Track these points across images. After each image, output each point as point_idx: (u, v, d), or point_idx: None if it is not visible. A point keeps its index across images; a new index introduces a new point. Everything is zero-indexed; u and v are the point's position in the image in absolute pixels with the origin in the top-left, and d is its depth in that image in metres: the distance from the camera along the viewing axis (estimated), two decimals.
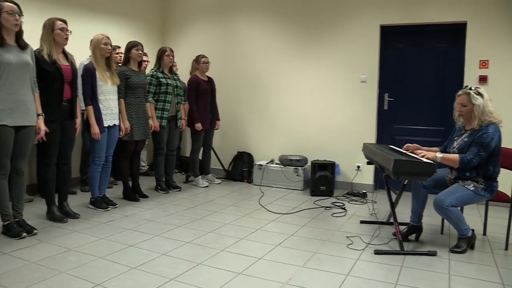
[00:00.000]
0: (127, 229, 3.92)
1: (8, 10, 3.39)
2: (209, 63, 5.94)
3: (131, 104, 4.83)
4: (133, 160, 5.05)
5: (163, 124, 5.31)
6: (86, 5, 5.92)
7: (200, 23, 7.06)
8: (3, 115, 3.38)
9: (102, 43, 4.33)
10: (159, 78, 5.29)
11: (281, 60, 6.36)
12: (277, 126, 6.45)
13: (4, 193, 3.58)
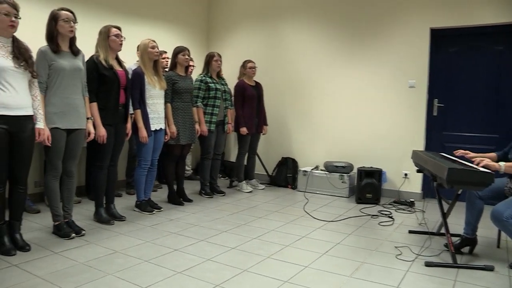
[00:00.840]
0: (172, 233, 3.94)
1: (64, 18, 3.51)
2: (255, 68, 5.94)
3: (178, 109, 4.86)
4: (179, 164, 5.08)
5: (212, 128, 5.33)
6: (134, 12, 6.06)
7: (245, 28, 7.08)
8: (56, 118, 3.48)
9: (149, 47, 4.38)
10: (208, 83, 5.31)
11: (327, 64, 6.27)
12: (322, 131, 6.36)
13: (55, 194, 3.68)
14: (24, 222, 3.54)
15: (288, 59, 6.63)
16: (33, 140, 3.31)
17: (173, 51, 4.95)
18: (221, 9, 7.39)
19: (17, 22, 3.19)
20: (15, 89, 3.14)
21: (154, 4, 6.45)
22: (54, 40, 3.53)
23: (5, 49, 3.16)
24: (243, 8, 7.11)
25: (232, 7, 7.24)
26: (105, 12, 5.62)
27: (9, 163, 3.24)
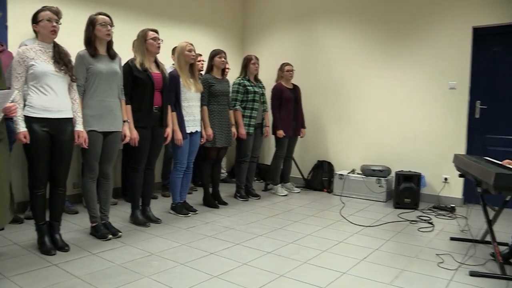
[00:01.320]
0: (207, 236, 3.92)
1: (101, 22, 3.56)
2: (293, 71, 5.90)
3: (214, 112, 4.86)
4: (215, 167, 5.07)
5: (250, 131, 5.32)
6: (170, 15, 6.12)
7: (280, 30, 7.04)
8: (93, 121, 3.53)
9: (186, 50, 4.39)
10: (246, 86, 5.30)
11: (364, 66, 6.16)
12: (359, 134, 6.24)
13: (92, 196, 3.72)
14: (63, 223, 3.59)
15: (324, 61, 6.55)
16: (72, 142, 3.37)
17: (210, 54, 4.95)
18: (256, 12, 7.37)
19: (58, 28, 3.26)
20: (56, 93, 3.22)
21: (190, 8, 6.49)
22: (92, 44, 3.59)
23: (47, 54, 3.24)
24: (277, 10, 7.07)
25: (267, 9, 7.21)
26: (142, 15, 5.69)
27: (50, 164, 3.30)
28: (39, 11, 3.28)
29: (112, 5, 5.22)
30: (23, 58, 3.14)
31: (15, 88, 3.10)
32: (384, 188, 5.63)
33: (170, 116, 4.30)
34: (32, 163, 3.25)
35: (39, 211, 3.37)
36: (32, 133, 3.12)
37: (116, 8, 5.22)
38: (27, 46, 3.22)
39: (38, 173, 3.26)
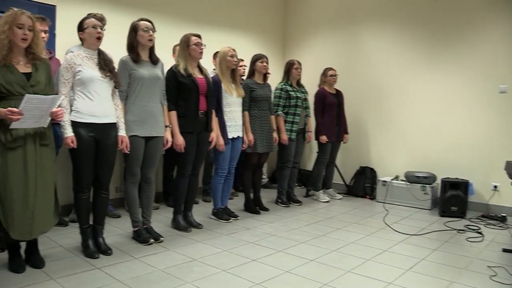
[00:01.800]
0: (249, 242, 3.88)
1: (143, 27, 3.60)
2: (336, 75, 5.82)
3: (255, 117, 4.83)
4: (256, 172, 5.04)
5: (293, 137, 5.26)
6: (211, 20, 6.17)
7: (322, 34, 6.97)
8: (135, 126, 3.56)
9: (228, 55, 4.38)
10: (289, 91, 5.25)
11: (407, 70, 6.00)
12: (402, 140, 6.08)
13: (134, 200, 3.75)
14: (106, 227, 3.64)
15: (367, 65, 6.43)
16: (116, 147, 3.41)
17: (251, 59, 4.94)
18: (297, 16, 7.33)
19: (103, 34, 3.31)
20: (101, 98, 3.27)
21: (231, 13, 6.51)
22: (135, 50, 3.63)
23: (92, 60, 3.30)
24: (319, 14, 7.00)
25: (309, 13, 7.15)
26: (183, 20, 5.74)
27: (94, 168, 3.34)
28: (84, 18, 3.34)
29: (155, 11, 5.29)
30: (71, 64, 3.20)
31: (63, 94, 3.16)
32: (429, 196, 5.46)
33: (215, 120, 4.29)
34: (77, 167, 3.31)
35: (83, 215, 3.42)
36: (78, 138, 3.17)
37: (158, 14, 5.28)
38: (74, 53, 3.29)
39: (82, 177, 3.31)
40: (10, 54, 2.87)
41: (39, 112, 2.82)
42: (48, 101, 2.84)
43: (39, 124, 2.91)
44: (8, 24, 2.82)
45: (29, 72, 2.95)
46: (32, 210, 2.90)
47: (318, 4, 7.05)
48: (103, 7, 4.73)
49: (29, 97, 2.72)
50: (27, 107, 2.73)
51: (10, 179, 2.85)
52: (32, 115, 2.79)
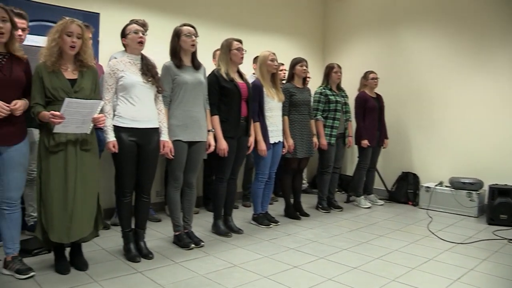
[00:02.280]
0: (290, 248, 3.83)
1: (186, 33, 3.62)
2: (377, 79, 5.71)
3: (295, 121, 4.78)
4: (296, 177, 4.99)
5: (332, 142, 5.18)
6: (250, 24, 6.19)
7: (362, 37, 6.85)
8: (178, 130, 3.57)
9: (268, 59, 4.36)
10: (328, 95, 5.18)
11: (452, 72, 5.81)
12: (447, 144, 5.89)
13: (176, 205, 3.76)
14: (147, 231, 3.64)
15: (409, 68, 6.27)
16: (158, 151, 3.43)
17: (291, 63, 4.89)
18: (337, 19, 7.24)
19: (145, 39, 3.35)
20: (143, 103, 3.30)
21: (270, 17, 6.50)
22: (177, 55, 3.65)
23: (135, 66, 3.34)
24: (360, 17, 6.90)
25: (349, 16, 7.06)
26: (224, 25, 5.75)
27: (136, 173, 3.38)
28: (127, 25, 3.41)
29: (196, 16, 5.33)
30: (114, 70, 3.25)
31: (106, 99, 3.22)
32: (476, 203, 5.26)
33: (257, 125, 4.27)
34: (120, 172, 3.35)
35: (125, 219, 3.45)
36: (120, 143, 3.21)
37: (200, 19, 5.30)
38: (118, 59, 3.35)
39: (125, 181, 3.35)
40: (59, 60, 2.96)
41: (81, 117, 2.87)
42: (88, 105, 2.88)
43: (81, 130, 2.96)
44: (58, 32, 2.92)
45: (75, 78, 3.02)
46: (71, 214, 2.95)
47: (358, 6, 6.94)
48: (146, 13, 4.79)
49: (69, 100, 2.78)
50: (68, 111, 2.79)
51: (51, 182, 2.93)
52: (73, 119, 2.84)
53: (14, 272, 2.98)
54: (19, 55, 2.93)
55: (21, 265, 3.01)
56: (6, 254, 3.07)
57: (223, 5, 5.91)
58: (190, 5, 5.54)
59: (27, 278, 2.96)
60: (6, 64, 2.85)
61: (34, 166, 3.71)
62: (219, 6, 5.86)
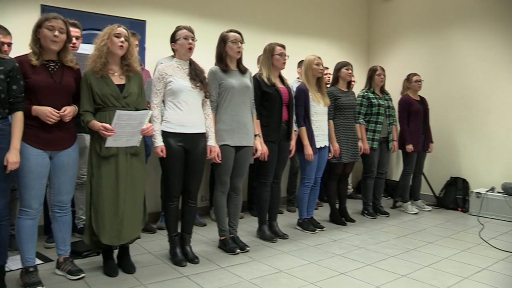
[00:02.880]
0: (336, 254, 3.77)
1: (232, 39, 3.65)
2: (421, 81, 5.56)
3: (340, 125, 4.72)
4: (341, 182, 4.92)
5: (374, 146, 5.09)
6: (293, 28, 6.18)
7: (408, 39, 6.70)
8: (225, 135, 3.59)
9: (314, 64, 4.32)
10: (370, 98, 5.09)
11: (504, 73, 5.59)
12: (498, 149, 5.65)
13: (222, 209, 3.77)
14: (192, 235, 3.66)
15: (458, 70, 6.07)
16: (205, 156, 3.46)
17: (335, 66, 4.84)
18: (382, 20, 7.11)
19: (194, 45, 3.39)
20: (191, 108, 3.34)
21: (315, 21, 6.46)
22: (223, 60, 3.67)
23: (184, 71, 3.38)
24: (405, 18, 6.75)
25: (394, 18, 6.92)
26: (268, 29, 5.75)
27: (183, 177, 3.40)
28: (176, 30, 3.46)
29: (241, 21, 5.35)
30: (162, 75, 3.30)
31: (154, 104, 3.28)
32: None
33: (299, 129, 4.25)
34: (167, 176, 3.38)
35: (172, 223, 3.49)
36: (168, 147, 3.25)
37: (245, 24, 5.31)
38: (166, 64, 3.40)
39: (172, 186, 3.38)
40: (107, 64, 3.05)
41: (131, 130, 2.96)
42: (138, 117, 2.96)
43: (131, 142, 3.04)
44: (107, 34, 3.03)
45: (123, 83, 3.09)
46: (121, 217, 3.03)
47: (404, 7, 6.80)
48: (191, 19, 4.83)
49: (119, 113, 2.87)
50: (119, 124, 2.88)
51: (103, 187, 3.01)
52: (124, 132, 2.93)
53: (66, 273, 3.09)
54: (70, 65, 3.02)
55: (72, 266, 3.10)
56: (58, 255, 3.17)
57: (267, 10, 5.92)
58: (234, 10, 5.57)
59: (78, 279, 3.04)
60: (57, 71, 2.94)
61: (85, 171, 3.83)
62: (263, 11, 5.88)
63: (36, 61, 2.83)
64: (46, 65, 2.90)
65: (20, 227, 2.89)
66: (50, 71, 2.90)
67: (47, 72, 2.89)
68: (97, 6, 4.54)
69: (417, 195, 5.80)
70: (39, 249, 3.60)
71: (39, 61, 2.85)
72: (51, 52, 2.91)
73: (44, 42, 2.85)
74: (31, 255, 2.95)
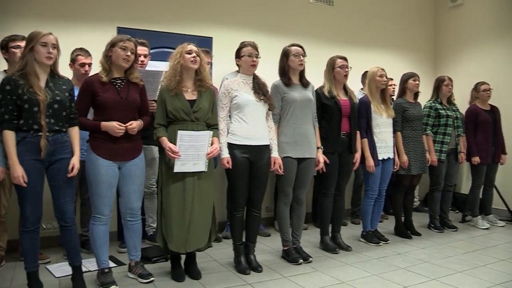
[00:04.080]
0: (400, 267, 3.72)
1: (294, 53, 3.75)
2: (490, 90, 5.35)
3: (408, 137, 4.65)
4: (407, 195, 4.84)
5: (442, 158, 4.96)
6: (359, 40, 6.19)
7: (478, 48, 6.45)
8: (288, 147, 3.67)
9: (377, 75, 4.32)
10: (438, 109, 4.98)
11: None
12: None
13: (286, 220, 3.85)
14: (257, 245, 3.75)
15: None
16: (268, 168, 3.56)
17: (402, 77, 4.78)
18: (449, 28, 6.90)
19: (258, 62, 3.54)
20: (255, 121, 3.47)
21: (379, 31, 6.42)
22: (286, 74, 3.77)
23: (248, 85, 3.53)
24: (475, 25, 6.50)
25: (462, 25, 6.68)
26: (331, 42, 5.79)
27: (247, 188, 3.53)
28: (241, 46, 3.60)
29: (304, 34, 5.42)
30: (228, 90, 3.47)
31: (220, 117, 3.44)
32: None
33: (359, 142, 4.25)
34: (233, 187, 3.52)
35: (237, 232, 3.60)
36: (233, 159, 3.39)
37: (307, 37, 5.35)
38: (231, 79, 3.57)
39: (237, 196, 3.51)
40: (182, 81, 3.27)
41: (195, 152, 3.16)
42: (200, 138, 3.17)
43: (198, 167, 3.23)
44: (179, 53, 3.25)
45: (194, 99, 3.29)
46: (188, 226, 3.21)
47: (473, 13, 6.55)
48: (255, 34, 4.95)
49: (182, 133, 3.10)
50: (183, 145, 3.10)
51: (171, 196, 3.21)
52: (189, 155, 3.14)
53: (137, 276, 3.30)
54: (136, 82, 3.24)
55: (142, 270, 3.31)
56: (130, 260, 3.39)
57: (329, 23, 5.96)
58: (296, 25, 5.66)
59: (148, 283, 3.24)
60: (123, 88, 3.18)
61: (154, 181, 4.07)
62: (325, 25, 5.92)
63: (105, 78, 3.10)
64: (113, 83, 3.15)
65: (94, 233, 3.15)
66: (117, 88, 3.14)
67: (114, 89, 3.13)
68: (167, 25, 4.84)
69: (489, 209, 5.56)
70: (113, 253, 3.88)
71: (108, 78, 3.11)
72: (120, 70, 3.17)
73: (116, 60, 3.11)
74: (105, 258, 3.20)
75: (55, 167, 2.92)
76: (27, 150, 2.80)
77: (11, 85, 2.78)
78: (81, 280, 3.07)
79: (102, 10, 4.53)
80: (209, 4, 5.13)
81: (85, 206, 4.02)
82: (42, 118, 2.80)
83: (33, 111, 2.79)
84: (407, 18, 6.81)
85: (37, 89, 2.79)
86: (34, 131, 2.81)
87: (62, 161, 2.92)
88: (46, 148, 2.82)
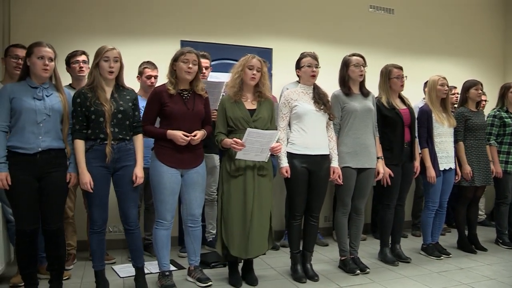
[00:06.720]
0: (462, 283, 3.59)
1: (354, 63, 3.76)
2: None
3: (471, 147, 4.50)
4: (471, 207, 4.67)
5: (509, 169, 4.74)
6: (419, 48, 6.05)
7: None
8: (348, 157, 3.67)
9: (438, 84, 4.22)
10: (503, 118, 4.77)
11: None
12: None
13: (343, 229, 3.84)
14: (314, 254, 3.76)
15: None
16: (327, 177, 3.58)
17: (464, 86, 4.63)
18: None
19: (317, 72, 3.58)
20: (315, 131, 3.50)
21: (442, 39, 6.22)
22: (346, 84, 3.78)
23: (308, 95, 3.58)
24: None
25: None
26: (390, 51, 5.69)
27: (306, 197, 3.56)
28: (301, 57, 3.67)
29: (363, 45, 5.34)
30: (288, 100, 3.53)
31: (280, 127, 3.49)
32: None
33: (418, 149, 4.18)
34: (291, 196, 3.56)
35: (295, 240, 3.63)
36: (293, 169, 3.44)
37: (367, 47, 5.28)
38: (291, 89, 3.63)
39: (296, 205, 3.55)
40: (241, 91, 3.36)
41: (260, 146, 3.20)
42: (267, 136, 3.20)
43: (260, 158, 3.29)
44: (241, 66, 3.36)
45: (254, 108, 3.38)
46: (248, 233, 3.28)
47: None
48: (314, 44, 4.96)
49: (250, 130, 3.15)
50: (249, 140, 3.15)
51: (232, 203, 3.30)
52: (253, 148, 3.19)
53: (196, 280, 3.42)
54: (201, 93, 3.36)
55: (201, 275, 3.43)
56: (189, 264, 3.51)
57: (389, 32, 5.88)
58: (356, 34, 5.64)
59: (206, 287, 3.35)
60: (190, 99, 3.31)
61: (214, 188, 4.18)
62: (386, 33, 5.85)
63: (173, 90, 3.24)
64: (180, 94, 3.28)
65: (156, 237, 3.30)
66: (184, 99, 3.28)
67: (181, 100, 3.27)
68: (228, 38, 4.98)
69: None
70: (174, 257, 4.03)
71: (175, 90, 3.25)
72: (185, 82, 3.30)
73: (180, 73, 3.25)
74: (166, 261, 3.34)
75: (119, 173, 3.10)
76: (94, 157, 3.01)
77: (81, 98, 3.02)
78: (143, 281, 3.23)
79: (167, 25, 4.76)
80: (269, 16, 5.23)
81: (148, 212, 4.21)
82: (107, 127, 3.00)
83: (99, 121, 3.00)
84: (473, 24, 6.55)
85: (103, 100, 3.01)
86: (101, 140, 3.02)
87: (126, 168, 3.10)
88: (111, 155, 3.01)
